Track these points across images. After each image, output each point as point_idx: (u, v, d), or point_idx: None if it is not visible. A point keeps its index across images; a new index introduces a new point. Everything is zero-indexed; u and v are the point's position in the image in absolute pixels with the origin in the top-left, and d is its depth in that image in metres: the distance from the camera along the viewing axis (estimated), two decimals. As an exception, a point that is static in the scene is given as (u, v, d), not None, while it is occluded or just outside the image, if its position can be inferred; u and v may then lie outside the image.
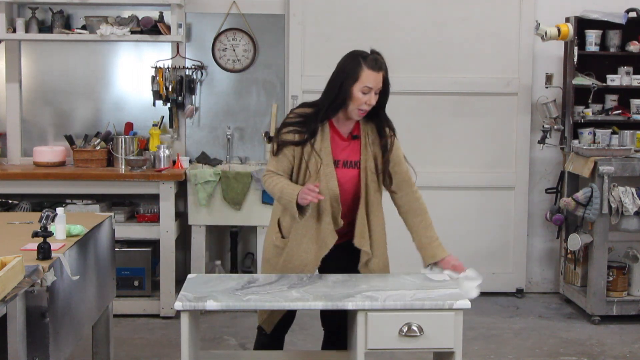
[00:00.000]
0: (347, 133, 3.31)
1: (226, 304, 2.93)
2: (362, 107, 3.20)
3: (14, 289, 2.59)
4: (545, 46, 5.54)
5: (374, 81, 3.20)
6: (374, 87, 3.20)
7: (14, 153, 5.53)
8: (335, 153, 3.27)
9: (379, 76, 3.21)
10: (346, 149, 3.30)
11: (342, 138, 3.30)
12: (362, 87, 3.19)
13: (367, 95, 3.20)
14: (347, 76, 3.21)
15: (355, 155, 3.30)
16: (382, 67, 3.25)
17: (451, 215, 5.69)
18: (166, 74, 5.45)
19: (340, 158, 3.29)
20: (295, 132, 3.24)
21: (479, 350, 4.64)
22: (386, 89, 3.27)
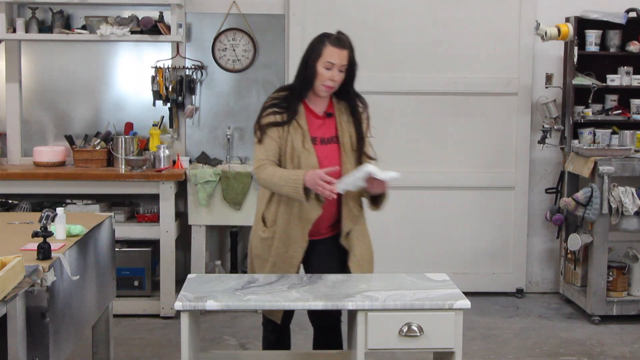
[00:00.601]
0: (322, 112, 3.41)
1: (226, 304, 2.93)
2: (325, 83, 3.31)
3: (14, 289, 2.59)
4: (545, 46, 5.54)
5: (337, 57, 3.29)
6: (337, 63, 3.29)
7: (14, 153, 5.53)
8: (311, 131, 3.37)
9: (342, 53, 3.30)
10: (322, 126, 3.39)
11: (316, 116, 3.40)
12: (325, 63, 3.29)
13: (330, 71, 3.30)
14: (312, 54, 3.35)
15: (332, 131, 3.39)
16: (346, 45, 3.34)
17: (451, 215, 5.69)
18: (166, 74, 5.44)
19: (317, 135, 3.37)
20: (276, 114, 3.34)
21: (479, 350, 4.64)
22: (352, 68, 3.36)
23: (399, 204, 5.67)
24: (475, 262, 5.74)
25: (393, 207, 5.66)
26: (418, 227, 5.69)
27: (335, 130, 3.40)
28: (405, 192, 5.66)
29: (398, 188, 5.65)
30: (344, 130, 3.40)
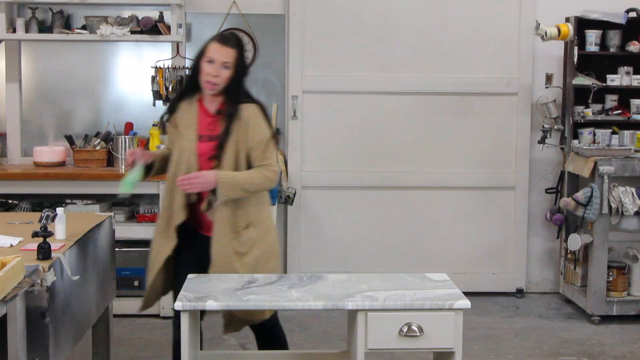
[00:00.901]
0: (214, 110, 3.46)
1: (226, 304, 2.93)
2: (207, 79, 3.36)
3: (14, 289, 2.59)
4: (545, 46, 5.54)
5: (217, 53, 3.35)
6: (217, 59, 3.35)
7: (14, 153, 5.53)
8: (200, 127, 3.43)
9: (223, 49, 3.36)
10: (211, 124, 3.44)
11: (208, 114, 3.46)
12: (206, 58, 3.37)
13: (211, 66, 3.35)
14: (199, 52, 3.44)
15: (218, 129, 3.42)
16: (229, 42, 3.40)
17: (451, 215, 5.69)
18: (166, 74, 5.44)
19: (204, 133, 3.43)
20: (170, 107, 3.56)
21: (479, 350, 4.64)
22: (238, 68, 3.40)
23: (399, 203, 5.68)
24: (475, 262, 5.74)
25: (393, 207, 5.70)
26: (418, 227, 5.69)
27: (219, 129, 3.42)
28: (405, 192, 5.67)
29: (398, 188, 5.68)
30: (223, 130, 3.41)
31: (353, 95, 5.59)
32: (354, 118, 5.64)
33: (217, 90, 3.39)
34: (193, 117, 3.44)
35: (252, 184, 3.38)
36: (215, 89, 3.38)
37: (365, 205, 5.68)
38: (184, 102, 3.50)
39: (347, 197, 5.64)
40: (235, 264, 3.39)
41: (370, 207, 5.67)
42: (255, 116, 3.44)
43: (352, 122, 5.64)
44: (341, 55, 5.59)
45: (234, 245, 3.40)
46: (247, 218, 3.44)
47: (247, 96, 3.48)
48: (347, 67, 5.60)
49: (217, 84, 3.37)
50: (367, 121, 5.63)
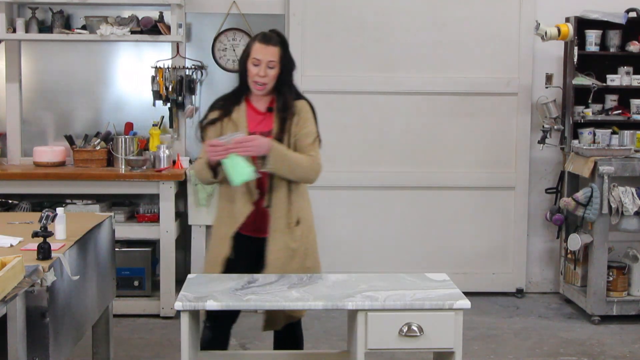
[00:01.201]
0: (264, 108, 3.46)
1: (226, 304, 2.94)
2: (255, 80, 3.37)
3: (14, 289, 2.59)
4: (545, 46, 5.54)
5: (262, 53, 3.36)
6: (263, 59, 3.36)
7: (14, 153, 5.53)
8: (251, 126, 3.42)
9: (267, 49, 3.36)
10: (262, 121, 3.45)
11: (258, 112, 3.46)
12: (252, 60, 3.37)
13: (258, 67, 3.36)
14: (244, 53, 3.44)
15: (269, 125, 3.42)
16: (272, 41, 3.40)
17: (451, 215, 5.69)
18: (166, 74, 5.44)
19: (256, 130, 3.42)
20: (215, 110, 3.48)
21: (479, 350, 4.65)
22: (285, 65, 3.41)
23: (399, 204, 5.68)
24: (475, 262, 5.74)
25: (393, 207, 5.70)
26: (418, 227, 5.69)
27: (272, 124, 3.43)
28: (405, 192, 5.67)
29: (398, 188, 5.68)
30: (278, 124, 3.42)
31: (353, 95, 5.59)
32: (354, 118, 5.64)
33: (267, 90, 3.40)
34: (242, 116, 3.43)
35: (300, 166, 3.37)
36: (264, 88, 3.39)
37: (365, 205, 5.68)
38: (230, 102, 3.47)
39: (347, 197, 5.64)
40: (287, 259, 3.42)
41: (370, 207, 5.67)
42: (306, 111, 3.48)
43: (352, 122, 5.64)
44: (341, 55, 5.59)
45: (287, 241, 3.42)
46: (297, 214, 3.47)
47: (296, 93, 3.49)
48: (347, 67, 5.60)
49: (266, 84, 3.38)
50: (367, 121, 5.63)
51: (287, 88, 3.44)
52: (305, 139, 3.43)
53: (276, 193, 3.39)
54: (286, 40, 3.47)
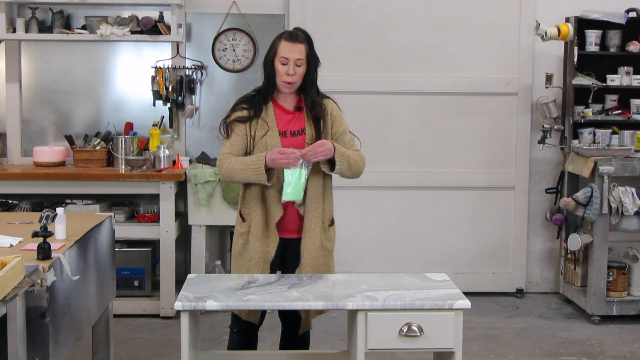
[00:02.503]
0: (292, 106, 3.47)
1: (226, 304, 2.94)
2: (284, 79, 3.38)
3: (14, 289, 2.59)
4: (545, 46, 5.54)
5: (289, 51, 3.37)
6: (290, 57, 3.37)
7: (14, 153, 5.53)
8: (280, 125, 3.42)
9: (294, 47, 3.37)
10: (291, 120, 3.45)
11: (286, 111, 3.47)
12: (280, 59, 3.38)
13: (286, 66, 3.37)
14: (270, 52, 3.44)
15: (301, 124, 3.44)
16: (299, 39, 3.40)
17: (451, 215, 5.69)
18: (166, 74, 5.44)
19: (287, 129, 3.43)
20: (243, 110, 3.44)
21: (479, 350, 4.65)
22: (311, 62, 3.42)
23: (399, 204, 5.68)
24: (475, 262, 5.74)
25: (393, 207, 5.70)
26: (418, 227, 5.69)
27: (303, 123, 3.44)
28: (405, 192, 5.67)
29: (398, 188, 5.68)
30: (311, 123, 3.44)
31: (353, 95, 5.59)
32: (354, 118, 5.62)
33: (295, 88, 3.41)
34: (271, 115, 3.42)
35: (355, 161, 3.44)
36: (293, 86, 3.40)
37: (365, 205, 5.68)
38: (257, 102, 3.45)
39: (347, 197, 5.63)
40: (321, 259, 3.44)
41: (370, 207, 5.67)
42: (336, 109, 3.53)
43: (352, 122, 5.61)
44: (341, 55, 5.59)
45: (323, 241, 3.45)
46: (331, 214, 3.52)
47: (319, 91, 3.51)
48: (347, 67, 5.60)
49: (295, 82, 3.39)
50: (367, 121, 5.62)
51: (312, 86, 3.46)
52: (345, 136, 3.50)
53: (311, 193, 3.40)
54: (311, 37, 3.47)
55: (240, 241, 3.46)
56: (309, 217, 3.41)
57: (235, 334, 3.54)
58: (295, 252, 3.45)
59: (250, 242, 3.43)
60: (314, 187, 3.41)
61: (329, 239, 3.49)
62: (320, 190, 3.45)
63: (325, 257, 3.46)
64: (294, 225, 3.44)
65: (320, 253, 3.44)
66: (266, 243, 3.41)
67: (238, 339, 3.54)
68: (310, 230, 3.41)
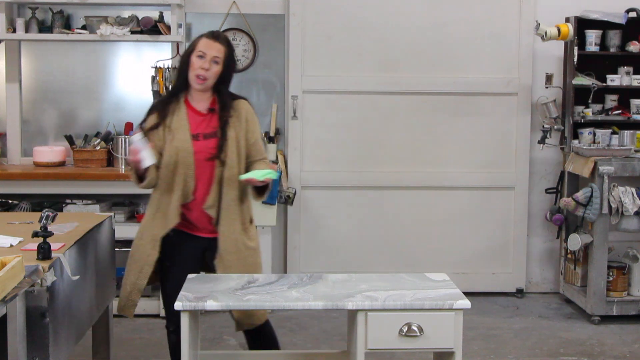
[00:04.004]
0: (205, 108, 3.45)
1: (226, 304, 2.94)
2: (197, 72, 3.36)
3: (14, 289, 2.59)
4: (545, 46, 5.54)
5: (208, 47, 3.37)
6: (208, 53, 3.36)
7: (14, 153, 5.52)
8: (192, 127, 3.41)
9: (214, 44, 3.38)
10: (203, 122, 3.44)
11: (199, 114, 3.45)
12: (197, 52, 3.37)
13: (202, 59, 3.35)
14: (189, 48, 3.44)
15: (214, 126, 3.43)
16: (220, 38, 3.43)
17: (451, 215, 5.69)
18: (166, 74, 5.44)
19: (199, 131, 3.42)
20: (154, 115, 3.45)
21: (479, 350, 4.65)
22: (228, 64, 3.41)
23: (399, 204, 5.68)
24: (475, 262, 5.74)
25: (393, 207, 5.70)
26: (418, 227, 5.69)
27: (217, 125, 3.42)
28: (405, 192, 5.67)
29: (398, 188, 5.68)
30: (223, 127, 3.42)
31: (353, 95, 5.59)
32: (354, 118, 5.64)
33: (206, 86, 3.39)
34: (183, 118, 3.41)
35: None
36: (205, 83, 3.38)
37: (365, 205, 5.68)
38: (170, 104, 3.45)
39: (347, 197, 5.64)
40: (249, 259, 3.45)
41: (370, 207, 5.67)
42: (251, 112, 3.50)
43: (352, 122, 5.64)
44: (341, 55, 5.59)
45: (244, 240, 3.45)
46: (249, 213, 3.52)
47: (231, 93, 3.51)
48: (347, 67, 5.60)
49: (207, 78, 3.37)
50: (367, 121, 5.63)
51: (225, 88, 3.46)
52: (258, 143, 3.49)
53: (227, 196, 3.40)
54: (232, 44, 3.50)
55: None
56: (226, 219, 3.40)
57: (173, 332, 3.52)
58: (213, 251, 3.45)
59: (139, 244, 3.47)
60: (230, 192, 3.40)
61: (250, 238, 3.49)
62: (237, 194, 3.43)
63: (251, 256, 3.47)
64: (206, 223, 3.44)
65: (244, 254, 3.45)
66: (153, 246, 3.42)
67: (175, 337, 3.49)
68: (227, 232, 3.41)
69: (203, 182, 3.40)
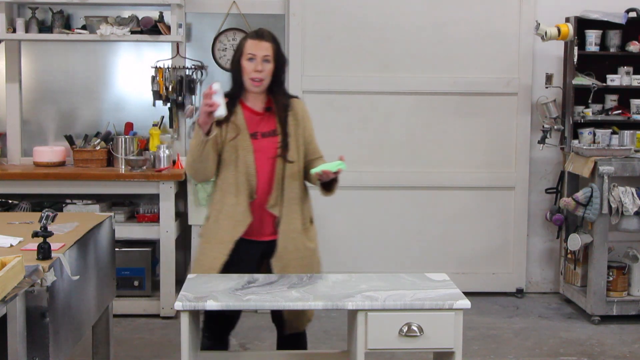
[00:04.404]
0: (261, 108, 3.43)
1: (226, 304, 2.93)
2: (251, 76, 3.34)
3: (14, 289, 2.59)
4: (545, 46, 5.54)
5: (256, 48, 3.33)
6: (257, 54, 3.33)
7: (14, 153, 5.53)
8: (250, 127, 3.39)
9: (260, 44, 3.34)
10: (262, 121, 3.42)
11: (256, 113, 3.43)
12: (246, 56, 3.34)
13: (253, 62, 3.33)
14: (237, 52, 3.41)
15: (271, 125, 3.41)
16: (265, 36, 3.38)
17: (451, 215, 5.69)
18: (166, 74, 5.44)
19: (257, 130, 3.40)
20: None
21: (479, 350, 4.65)
22: (278, 61, 3.38)
23: (399, 204, 5.68)
24: (475, 262, 5.74)
25: (393, 207, 5.70)
26: (418, 227, 5.69)
27: (274, 124, 3.41)
28: (406, 192, 5.67)
29: (398, 188, 5.69)
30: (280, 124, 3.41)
31: (353, 95, 5.59)
32: (354, 118, 5.64)
33: (263, 86, 3.37)
34: (239, 118, 3.38)
35: None
36: (262, 84, 3.36)
37: (365, 205, 5.68)
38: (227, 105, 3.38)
39: (347, 197, 5.63)
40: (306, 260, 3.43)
41: (370, 207, 5.67)
42: (306, 111, 3.51)
43: (352, 122, 5.64)
44: (341, 55, 5.59)
45: (304, 240, 3.44)
46: (310, 213, 3.52)
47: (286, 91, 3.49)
48: (347, 67, 5.60)
49: (263, 79, 3.35)
50: (367, 121, 5.63)
51: (280, 86, 3.43)
52: (313, 141, 3.50)
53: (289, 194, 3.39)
54: (277, 38, 3.45)
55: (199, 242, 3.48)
56: (286, 219, 3.38)
57: (206, 337, 3.52)
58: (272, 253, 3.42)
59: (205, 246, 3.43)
60: (292, 189, 3.40)
61: (310, 239, 3.47)
62: (298, 191, 3.43)
63: (309, 257, 3.45)
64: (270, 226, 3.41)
65: (304, 253, 3.42)
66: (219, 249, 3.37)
67: (208, 343, 3.51)
68: (288, 232, 3.38)
69: (263, 182, 3.37)
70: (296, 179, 3.41)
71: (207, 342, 3.51)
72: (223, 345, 3.57)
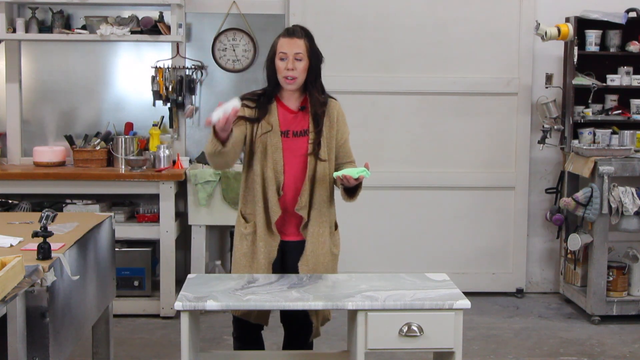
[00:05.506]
0: (296, 106, 3.42)
1: (226, 304, 2.94)
2: (284, 74, 3.33)
3: (14, 289, 2.59)
4: (545, 46, 5.54)
5: (288, 46, 3.32)
6: (289, 52, 3.32)
7: (14, 153, 5.53)
8: (283, 125, 3.37)
9: (292, 41, 3.33)
10: (294, 120, 3.40)
11: (290, 111, 3.41)
12: (279, 54, 3.33)
13: (285, 61, 3.32)
14: (270, 51, 3.39)
15: (304, 124, 3.39)
16: (297, 34, 3.37)
17: (451, 215, 5.69)
18: (166, 74, 5.44)
19: (289, 129, 3.38)
20: (246, 107, 3.37)
21: (479, 350, 4.65)
22: (313, 57, 3.37)
23: (399, 204, 5.68)
24: (475, 262, 5.74)
25: (393, 207, 5.70)
26: (418, 227, 5.69)
27: (307, 124, 3.40)
28: (406, 192, 5.67)
29: (398, 188, 5.69)
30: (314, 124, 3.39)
31: (353, 95, 5.59)
32: (354, 118, 5.61)
33: (297, 84, 3.34)
34: (273, 114, 3.37)
35: None
36: (295, 82, 3.33)
37: (365, 205, 5.67)
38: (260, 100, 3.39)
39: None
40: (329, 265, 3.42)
41: (370, 207, 5.67)
42: (342, 113, 3.49)
43: (352, 122, 5.59)
44: (341, 55, 5.59)
45: (331, 246, 3.44)
46: (335, 217, 3.51)
47: (324, 90, 3.45)
48: (347, 67, 5.60)
49: (296, 77, 3.33)
50: (367, 121, 5.62)
51: (315, 83, 3.38)
52: (346, 145, 3.49)
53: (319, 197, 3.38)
54: (311, 33, 3.43)
55: (245, 243, 3.41)
56: (316, 221, 3.38)
57: (237, 339, 3.52)
58: (296, 255, 3.41)
59: (255, 243, 3.39)
60: (321, 192, 3.39)
61: (335, 244, 3.48)
62: (327, 194, 3.42)
63: (331, 262, 3.44)
64: (292, 227, 3.42)
65: (327, 258, 3.42)
66: (269, 243, 3.38)
67: (239, 344, 3.52)
68: (317, 234, 3.38)
69: (290, 180, 3.36)
70: (326, 182, 3.40)
71: (237, 344, 3.51)
72: (258, 345, 3.54)
